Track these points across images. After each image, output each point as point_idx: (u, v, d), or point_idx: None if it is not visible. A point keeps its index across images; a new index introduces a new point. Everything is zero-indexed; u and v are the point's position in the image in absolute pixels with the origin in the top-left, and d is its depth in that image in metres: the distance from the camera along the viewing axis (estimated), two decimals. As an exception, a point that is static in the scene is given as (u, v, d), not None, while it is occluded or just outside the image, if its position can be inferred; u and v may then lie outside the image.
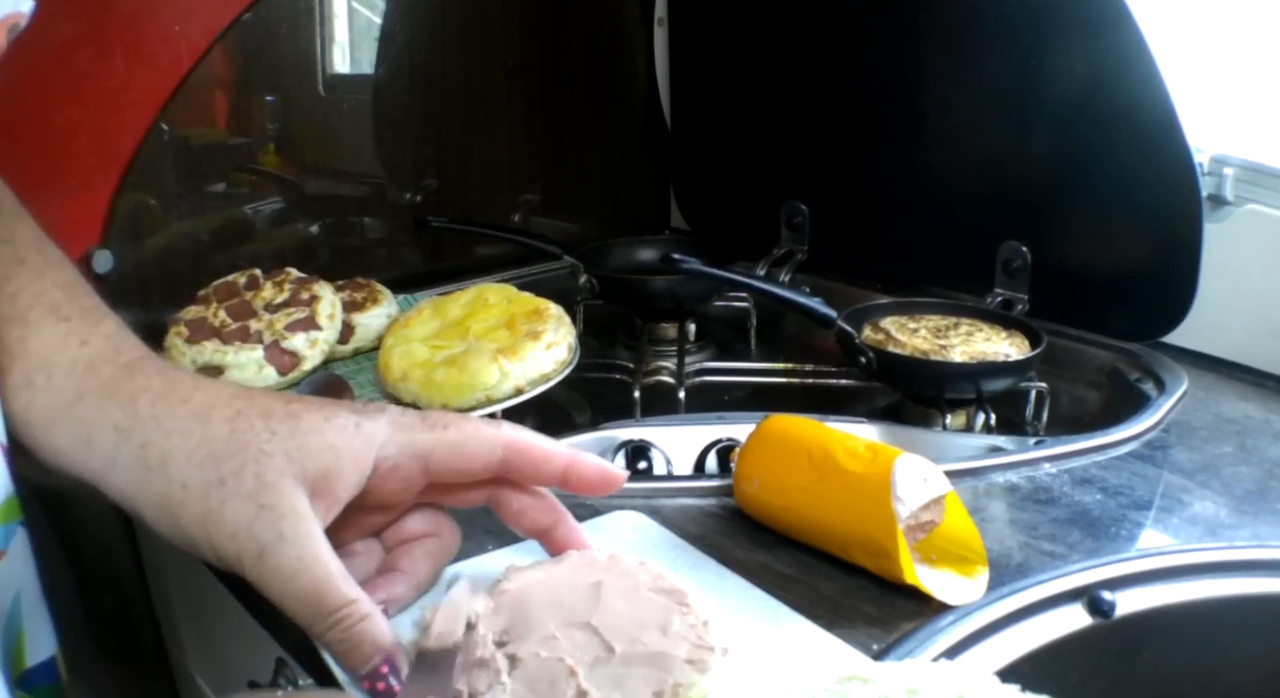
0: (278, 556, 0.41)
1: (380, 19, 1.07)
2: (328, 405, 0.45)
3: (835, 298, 0.88)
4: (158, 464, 0.42)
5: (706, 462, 0.73)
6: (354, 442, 0.44)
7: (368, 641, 0.41)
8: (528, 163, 1.19)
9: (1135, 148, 0.82)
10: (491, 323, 0.81)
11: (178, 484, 0.42)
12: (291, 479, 0.42)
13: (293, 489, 0.42)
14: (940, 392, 0.81)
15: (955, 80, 0.95)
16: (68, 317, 0.46)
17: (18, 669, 0.47)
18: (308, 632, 0.42)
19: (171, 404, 0.44)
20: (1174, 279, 0.82)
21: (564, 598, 0.44)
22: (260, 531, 0.41)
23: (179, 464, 0.42)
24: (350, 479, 0.44)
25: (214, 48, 0.95)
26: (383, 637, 0.41)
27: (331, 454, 0.43)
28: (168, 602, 0.90)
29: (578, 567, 0.46)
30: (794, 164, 1.11)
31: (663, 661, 0.41)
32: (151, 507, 0.43)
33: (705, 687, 0.40)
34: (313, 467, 0.43)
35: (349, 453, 0.43)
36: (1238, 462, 0.67)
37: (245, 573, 0.42)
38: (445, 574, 0.50)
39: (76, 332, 0.46)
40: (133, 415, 0.44)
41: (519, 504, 0.48)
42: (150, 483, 0.43)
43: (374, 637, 0.41)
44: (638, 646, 0.41)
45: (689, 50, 1.20)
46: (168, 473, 0.42)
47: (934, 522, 0.53)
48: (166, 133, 0.94)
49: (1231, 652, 0.55)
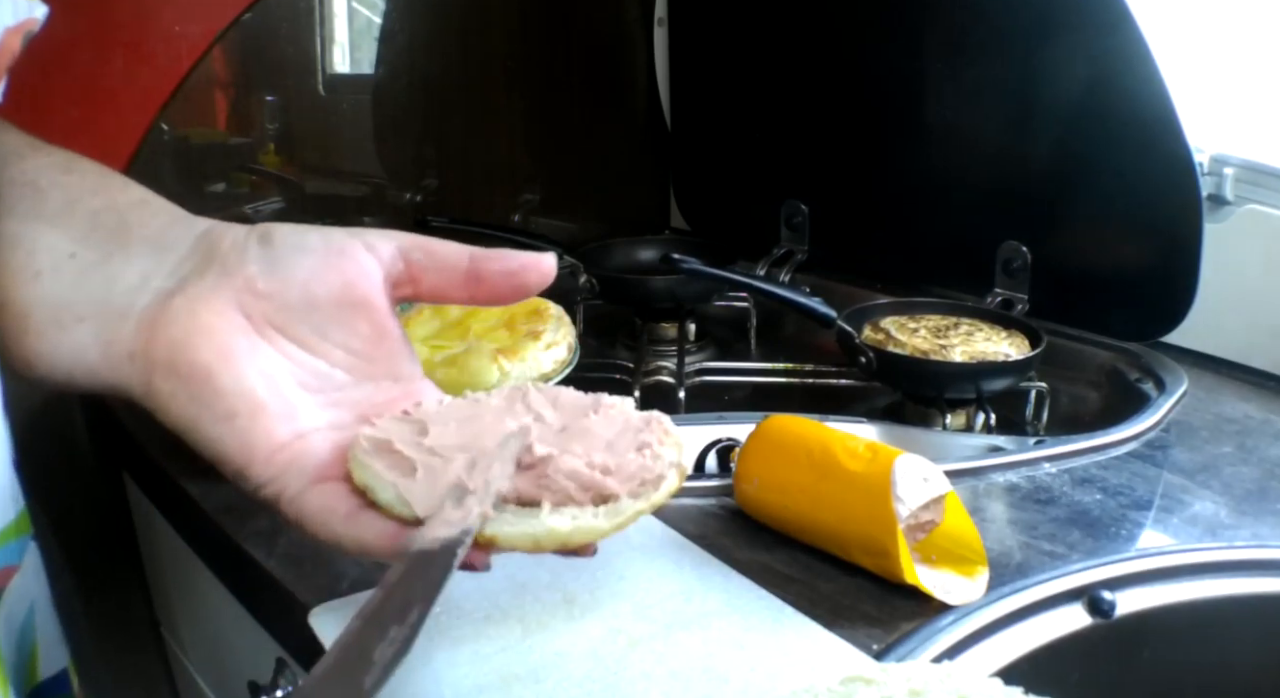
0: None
1: (380, 19, 1.07)
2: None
3: (835, 298, 0.88)
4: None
5: (706, 462, 0.73)
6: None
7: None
8: (528, 163, 1.19)
9: (1135, 148, 0.82)
10: (491, 323, 0.81)
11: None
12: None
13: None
14: (940, 392, 0.81)
15: (955, 80, 0.95)
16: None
17: (31, 683, 0.47)
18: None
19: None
20: (1174, 279, 0.82)
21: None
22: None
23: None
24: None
25: (214, 48, 0.95)
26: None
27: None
28: (168, 602, 0.90)
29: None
30: (794, 164, 1.11)
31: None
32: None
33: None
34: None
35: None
36: (1238, 462, 0.67)
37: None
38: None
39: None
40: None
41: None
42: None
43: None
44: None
45: (689, 50, 1.20)
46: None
47: (934, 522, 0.53)
48: (166, 133, 0.94)
49: (1231, 652, 0.55)
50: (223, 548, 0.61)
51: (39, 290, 0.41)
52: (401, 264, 0.42)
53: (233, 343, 0.39)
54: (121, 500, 0.90)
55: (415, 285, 0.43)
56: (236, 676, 0.67)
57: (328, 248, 0.42)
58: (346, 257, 0.42)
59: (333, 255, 0.42)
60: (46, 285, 0.41)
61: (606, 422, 0.41)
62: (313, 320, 0.41)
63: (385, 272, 0.42)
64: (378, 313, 0.42)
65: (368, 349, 0.42)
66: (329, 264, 0.41)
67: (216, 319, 0.40)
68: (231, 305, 0.40)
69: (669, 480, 0.39)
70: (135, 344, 0.40)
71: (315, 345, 0.41)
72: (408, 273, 0.43)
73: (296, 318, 0.41)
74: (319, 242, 0.42)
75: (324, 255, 0.42)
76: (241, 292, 0.40)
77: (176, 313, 0.40)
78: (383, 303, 0.42)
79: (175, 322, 0.39)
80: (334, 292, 0.41)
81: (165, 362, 0.39)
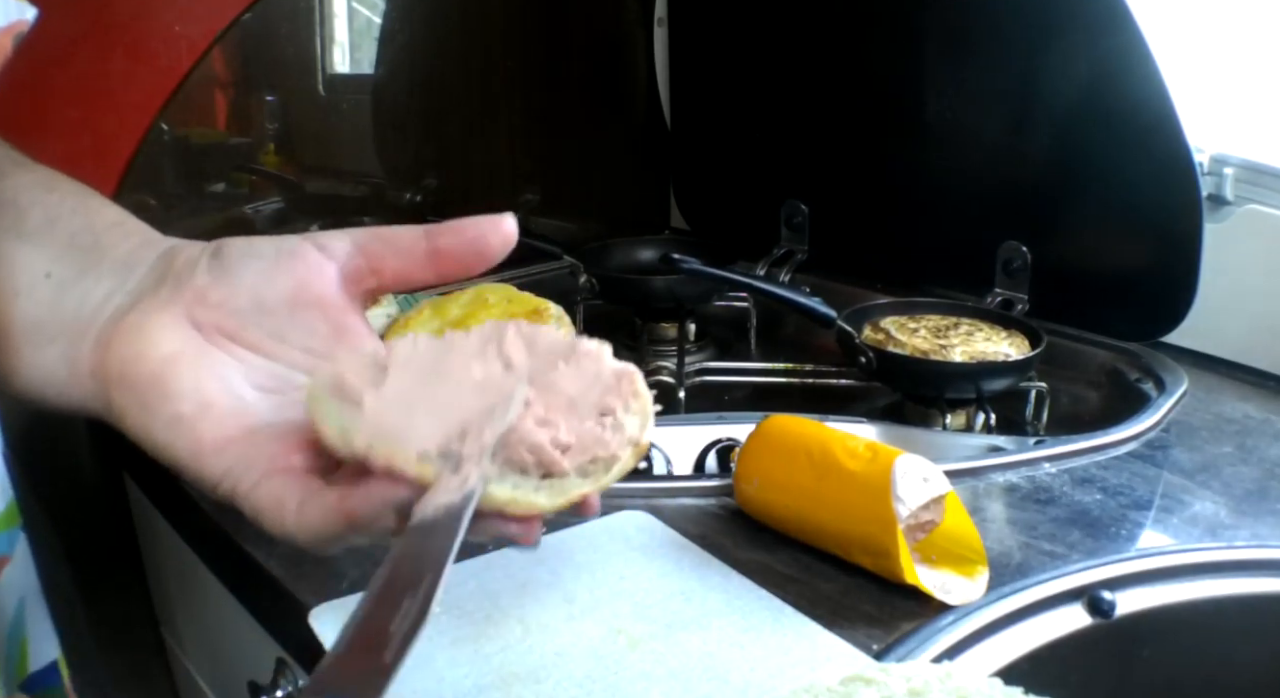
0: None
1: (380, 19, 1.07)
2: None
3: (835, 298, 0.88)
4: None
5: (706, 462, 0.73)
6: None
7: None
8: (528, 163, 1.19)
9: (1135, 148, 0.82)
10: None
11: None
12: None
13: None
14: (940, 392, 0.81)
15: (955, 80, 0.95)
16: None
17: (21, 675, 0.47)
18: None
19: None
20: (1174, 279, 0.82)
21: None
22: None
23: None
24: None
25: (214, 48, 0.95)
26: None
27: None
28: (168, 602, 0.90)
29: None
30: (794, 164, 1.11)
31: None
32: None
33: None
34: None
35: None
36: (1238, 462, 0.67)
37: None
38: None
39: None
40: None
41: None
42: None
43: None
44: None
45: (689, 50, 1.20)
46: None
47: (934, 522, 0.53)
48: (166, 133, 0.94)
49: (1231, 652, 0.55)
50: (223, 548, 0.61)
51: (16, 310, 0.41)
52: (360, 258, 0.42)
53: (179, 350, 0.40)
54: (121, 500, 0.90)
55: (378, 276, 0.42)
56: (236, 676, 0.67)
57: (278, 253, 0.42)
58: (297, 258, 0.42)
59: (283, 258, 0.42)
60: (23, 305, 0.41)
61: (576, 374, 0.39)
62: (266, 324, 0.41)
63: (341, 268, 0.42)
64: (335, 310, 0.42)
65: (328, 347, 0.42)
66: (279, 267, 0.41)
67: (163, 331, 0.40)
68: (180, 317, 0.40)
69: (621, 461, 0.37)
70: (94, 361, 0.40)
71: (272, 349, 0.41)
72: (368, 265, 0.42)
73: (249, 323, 0.41)
74: (269, 248, 0.42)
75: (274, 260, 0.42)
76: (191, 304, 0.41)
77: (128, 328, 0.40)
78: (340, 300, 0.42)
79: (126, 336, 0.40)
80: (285, 294, 0.41)
81: (117, 376, 0.40)
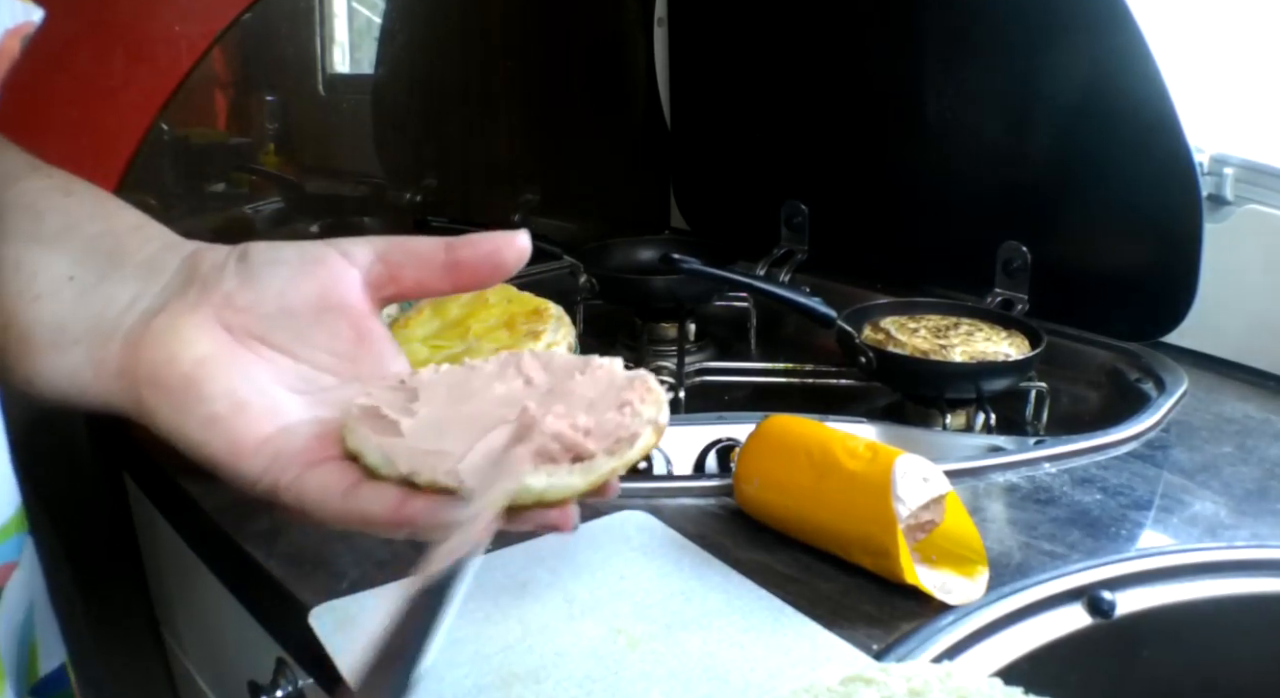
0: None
1: (380, 19, 1.07)
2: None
3: (835, 298, 0.88)
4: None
5: (706, 462, 0.73)
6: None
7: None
8: (528, 163, 1.19)
9: (1135, 148, 0.82)
10: (491, 323, 0.81)
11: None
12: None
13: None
14: (940, 392, 0.81)
15: (955, 80, 0.95)
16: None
17: (32, 679, 0.47)
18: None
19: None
20: (1174, 279, 0.82)
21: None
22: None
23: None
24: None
25: (214, 48, 0.95)
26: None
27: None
28: (168, 602, 0.90)
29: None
30: (794, 164, 1.11)
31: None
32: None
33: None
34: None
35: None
36: (1238, 462, 0.67)
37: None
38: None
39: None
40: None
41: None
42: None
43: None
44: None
45: (689, 50, 1.20)
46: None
47: (934, 522, 0.53)
48: (166, 133, 0.94)
49: (1231, 652, 0.55)
50: (223, 548, 0.61)
51: (38, 312, 0.42)
52: (380, 266, 0.43)
53: (212, 352, 0.41)
54: (121, 500, 0.90)
55: (397, 284, 0.44)
56: (236, 676, 0.67)
57: (302, 259, 0.43)
58: (321, 265, 0.43)
59: (308, 265, 0.43)
60: (46, 308, 0.42)
61: (592, 382, 0.41)
62: (292, 328, 0.42)
63: (363, 275, 0.43)
64: (358, 315, 0.43)
65: (351, 350, 0.43)
66: (304, 273, 0.43)
67: (195, 332, 0.41)
68: (210, 320, 0.41)
69: (644, 438, 0.39)
70: (122, 362, 0.41)
71: (298, 351, 0.43)
72: (387, 273, 0.44)
73: (276, 326, 0.42)
74: (294, 254, 0.43)
75: (299, 266, 0.43)
76: (220, 307, 0.42)
77: (158, 330, 0.41)
78: (363, 305, 0.43)
79: (157, 338, 0.41)
80: (311, 299, 0.42)
81: (149, 377, 0.40)
